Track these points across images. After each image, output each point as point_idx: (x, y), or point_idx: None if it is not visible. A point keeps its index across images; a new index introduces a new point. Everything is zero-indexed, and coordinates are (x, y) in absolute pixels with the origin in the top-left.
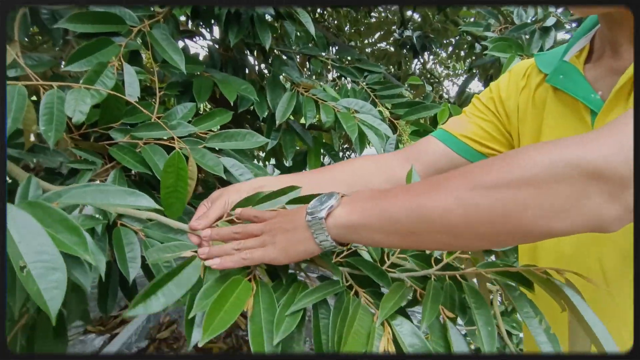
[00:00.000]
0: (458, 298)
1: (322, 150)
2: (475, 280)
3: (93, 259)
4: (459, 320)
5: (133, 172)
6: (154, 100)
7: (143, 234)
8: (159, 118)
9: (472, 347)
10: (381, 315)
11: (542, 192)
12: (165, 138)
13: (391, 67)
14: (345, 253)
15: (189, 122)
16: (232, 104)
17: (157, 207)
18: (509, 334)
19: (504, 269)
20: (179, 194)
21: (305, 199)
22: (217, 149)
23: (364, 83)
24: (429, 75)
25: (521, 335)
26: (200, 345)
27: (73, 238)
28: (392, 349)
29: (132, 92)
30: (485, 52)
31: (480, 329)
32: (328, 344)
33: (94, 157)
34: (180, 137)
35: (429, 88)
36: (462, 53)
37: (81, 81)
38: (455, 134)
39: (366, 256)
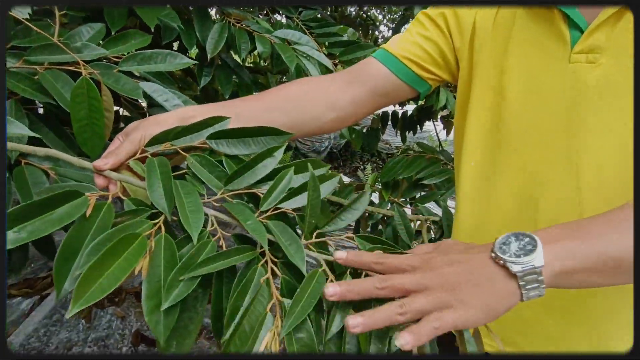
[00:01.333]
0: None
1: (255, 92)
2: None
3: None
4: None
5: (37, 104)
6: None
7: (54, 172)
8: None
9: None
10: (285, 326)
11: None
12: (69, 63)
13: (327, 8)
14: (269, 213)
15: (99, 45)
16: (152, 30)
17: (32, 134)
18: None
19: None
20: (95, 127)
21: (233, 133)
22: (135, 73)
23: (299, 20)
24: (365, 17)
25: None
26: (67, 317)
27: None
28: (275, 347)
29: (20, 8)
30: None
31: (372, 343)
32: (226, 311)
33: None
34: (88, 62)
35: (354, 35)
36: None
37: None
38: (396, 55)
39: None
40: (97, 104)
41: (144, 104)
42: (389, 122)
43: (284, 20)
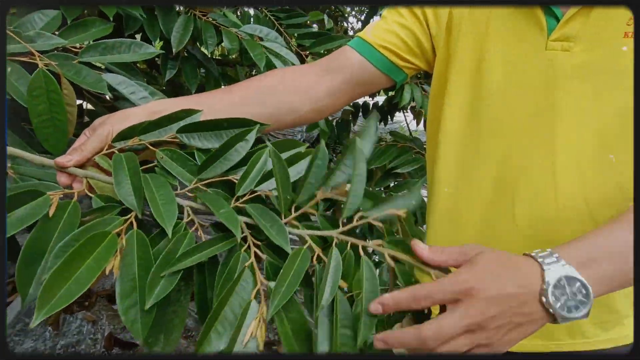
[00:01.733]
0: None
1: (223, 84)
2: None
3: None
4: None
5: None
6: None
7: (13, 171)
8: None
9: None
10: (272, 307)
11: None
12: (22, 53)
13: None
14: (246, 197)
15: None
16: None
17: None
18: None
19: (409, 258)
20: (56, 122)
21: (205, 125)
22: (99, 65)
23: (267, 10)
24: (333, 8)
25: None
26: (32, 326)
27: None
28: (261, 334)
29: None
30: None
31: (363, 311)
32: (214, 303)
33: None
34: (43, 53)
35: (330, 23)
36: None
37: None
38: (372, 43)
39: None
40: (57, 98)
41: (107, 96)
42: (360, 114)
43: (251, 11)
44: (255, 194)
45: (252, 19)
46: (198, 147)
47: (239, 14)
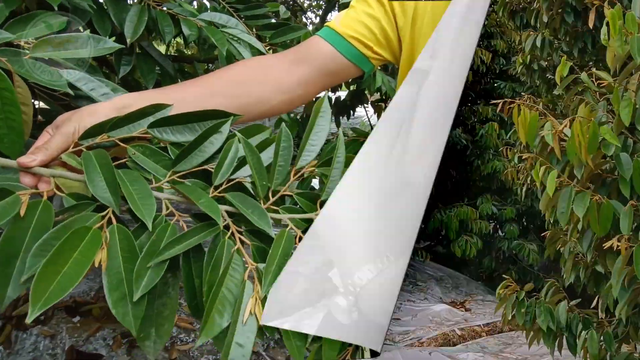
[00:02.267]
0: None
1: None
2: None
3: None
4: None
5: None
6: None
7: None
8: None
9: None
10: (264, 285)
11: None
12: None
13: None
14: (225, 186)
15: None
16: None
17: None
18: None
19: None
20: (11, 122)
21: (177, 119)
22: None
23: (225, 1)
24: (291, 2)
25: None
26: (28, 321)
27: None
28: (259, 311)
29: None
30: None
31: None
32: (202, 288)
33: None
34: None
35: (286, 13)
36: None
37: None
38: (342, 33)
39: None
40: (10, 96)
41: (59, 93)
42: None
43: (208, 4)
44: (233, 181)
45: (208, 10)
46: (171, 141)
47: (195, 4)
